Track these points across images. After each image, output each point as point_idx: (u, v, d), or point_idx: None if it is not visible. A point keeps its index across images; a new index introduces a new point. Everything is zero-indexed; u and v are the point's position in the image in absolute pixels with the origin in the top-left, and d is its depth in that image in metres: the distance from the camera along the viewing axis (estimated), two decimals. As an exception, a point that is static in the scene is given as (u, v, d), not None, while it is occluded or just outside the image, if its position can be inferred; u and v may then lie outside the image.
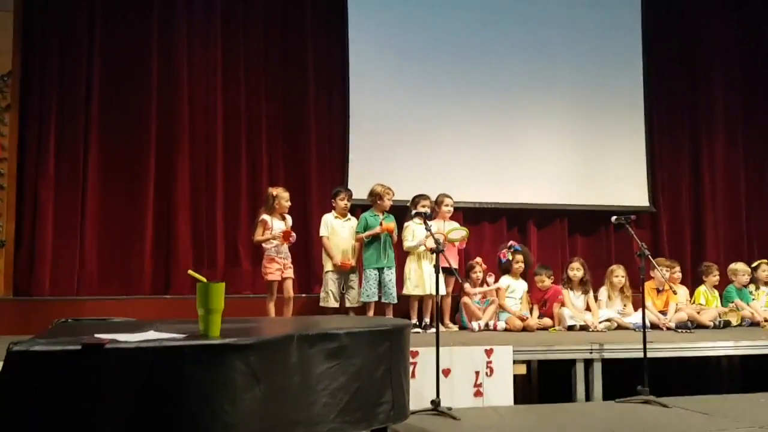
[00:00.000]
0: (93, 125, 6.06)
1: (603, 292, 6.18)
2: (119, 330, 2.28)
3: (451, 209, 5.98)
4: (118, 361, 1.86)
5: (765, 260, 6.84)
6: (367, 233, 5.64)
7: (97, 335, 2.05)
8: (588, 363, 4.61)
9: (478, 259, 6.04)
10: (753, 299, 6.58)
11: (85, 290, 5.90)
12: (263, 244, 5.39)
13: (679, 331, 5.77)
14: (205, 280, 2.13)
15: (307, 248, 6.18)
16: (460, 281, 5.66)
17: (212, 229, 6.27)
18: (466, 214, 6.70)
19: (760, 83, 7.93)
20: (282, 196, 5.45)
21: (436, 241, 4.19)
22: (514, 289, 6.00)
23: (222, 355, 1.91)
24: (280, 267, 5.36)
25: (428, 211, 5.33)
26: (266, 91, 6.56)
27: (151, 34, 6.26)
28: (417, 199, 5.75)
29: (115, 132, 6.14)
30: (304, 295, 6.07)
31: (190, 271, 2.38)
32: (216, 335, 2.07)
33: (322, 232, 5.70)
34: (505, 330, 5.65)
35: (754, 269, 6.69)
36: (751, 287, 6.66)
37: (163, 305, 5.66)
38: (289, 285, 5.43)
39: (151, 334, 2.10)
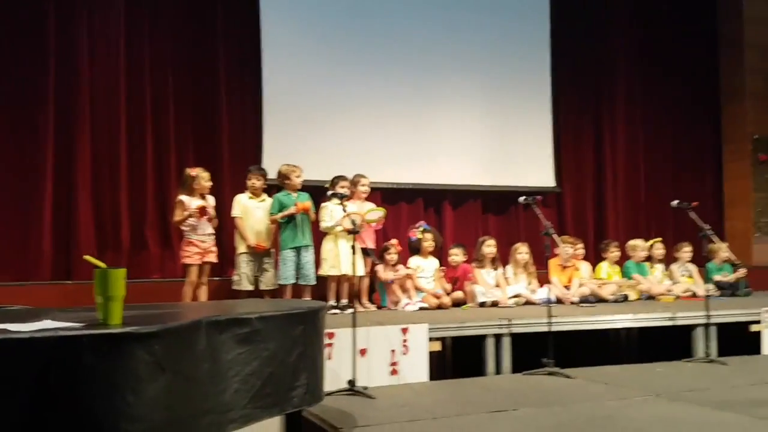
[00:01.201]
0: (-16, 102, 5.62)
1: (509, 269, 6.40)
2: (13, 319, 2.13)
3: (368, 189, 5.98)
4: (11, 352, 1.74)
5: (660, 239, 7.30)
6: (282, 213, 5.55)
7: (-15, 326, 1.91)
8: (498, 338, 4.77)
9: (394, 241, 6.08)
10: (649, 274, 7.00)
11: (-21, 276, 5.51)
12: (182, 227, 5.21)
13: (582, 305, 6.06)
14: (103, 265, 2.01)
15: (220, 230, 6.00)
16: (376, 262, 5.71)
17: (116, 211, 5.98)
18: (384, 195, 6.74)
19: (659, 70, 8.37)
20: (202, 176, 5.30)
21: (353, 222, 4.18)
22: (424, 268, 6.09)
23: (123, 345, 1.82)
24: (199, 251, 5.21)
25: (346, 192, 5.31)
26: (173, 66, 6.27)
27: (48, 4, 5.83)
28: (336, 180, 5.74)
29: (9, 109, 5.71)
30: (218, 278, 5.92)
31: (86, 256, 2.25)
32: (117, 323, 1.97)
33: (235, 212, 5.57)
34: (421, 309, 5.74)
35: (650, 247, 7.11)
36: (647, 263, 7.09)
37: (64, 292, 5.38)
38: (206, 270, 5.29)
39: (47, 323, 1.97)
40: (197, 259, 5.19)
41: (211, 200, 5.38)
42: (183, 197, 5.21)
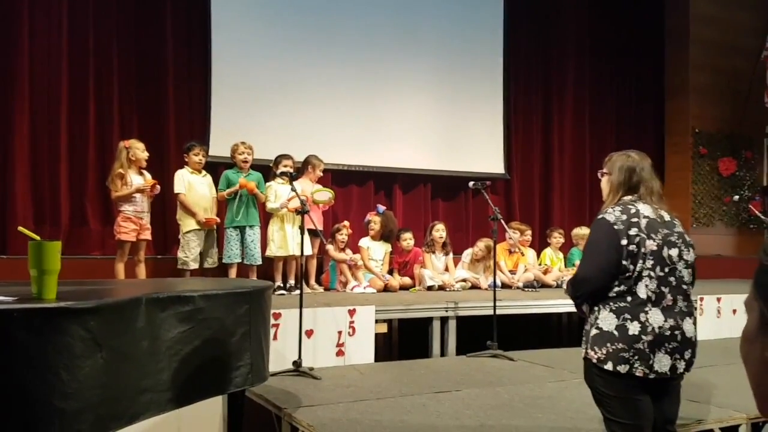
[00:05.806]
0: None
1: (467, 254, 6.46)
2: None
3: (321, 174, 5.94)
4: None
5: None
6: (228, 190, 5.47)
7: None
8: (444, 320, 4.83)
9: (346, 223, 6.05)
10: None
11: None
12: (120, 202, 5.03)
13: (526, 290, 6.18)
14: (37, 237, 1.93)
15: (164, 207, 5.85)
16: (325, 243, 5.67)
17: (55, 184, 5.76)
18: (335, 177, 6.68)
19: (607, 63, 8.55)
20: (136, 146, 5.08)
21: (302, 202, 4.14)
22: (375, 250, 6.10)
23: (57, 320, 1.74)
24: (136, 227, 5.04)
25: (293, 171, 5.23)
26: (118, 35, 6.04)
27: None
28: (279, 158, 5.63)
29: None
30: (159, 256, 5.78)
31: (20, 228, 2.15)
32: (51, 298, 1.89)
33: (178, 188, 5.38)
34: (369, 290, 5.75)
35: (591, 233, 7.29)
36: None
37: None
38: (142, 247, 5.13)
39: (-25, 298, 1.88)
40: (133, 236, 5.02)
41: (146, 175, 5.19)
42: (121, 171, 5.00)
